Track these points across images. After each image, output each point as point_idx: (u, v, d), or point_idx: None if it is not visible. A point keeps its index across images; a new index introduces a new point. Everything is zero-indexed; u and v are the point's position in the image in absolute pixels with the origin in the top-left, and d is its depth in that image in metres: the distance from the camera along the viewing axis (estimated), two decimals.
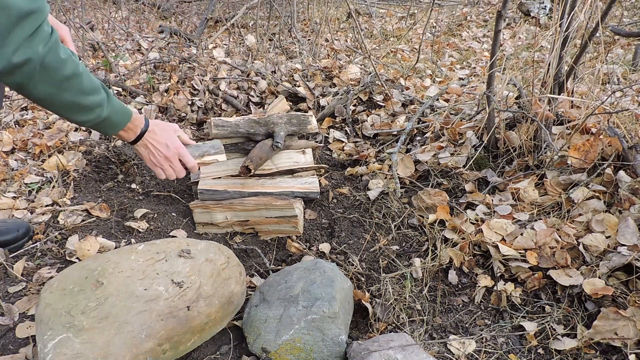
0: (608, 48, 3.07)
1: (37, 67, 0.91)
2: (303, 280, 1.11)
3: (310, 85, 2.58)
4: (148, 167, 1.81)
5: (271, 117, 1.54)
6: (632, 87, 2.18)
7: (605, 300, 1.07)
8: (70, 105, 1.02)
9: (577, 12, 1.43)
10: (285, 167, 1.59)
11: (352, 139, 2.14)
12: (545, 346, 1.05)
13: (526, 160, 1.56)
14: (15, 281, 1.21)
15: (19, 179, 1.61)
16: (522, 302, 1.16)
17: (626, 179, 1.32)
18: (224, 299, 1.05)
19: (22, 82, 0.92)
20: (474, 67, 3.11)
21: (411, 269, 1.31)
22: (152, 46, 3.13)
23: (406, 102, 2.32)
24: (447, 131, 1.87)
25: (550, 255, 1.20)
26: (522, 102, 1.67)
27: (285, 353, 1.00)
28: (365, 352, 0.95)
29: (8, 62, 0.87)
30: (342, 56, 3.22)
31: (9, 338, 1.05)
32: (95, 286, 0.95)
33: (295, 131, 1.62)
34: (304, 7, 4.47)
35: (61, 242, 1.36)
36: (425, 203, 1.53)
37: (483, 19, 4.74)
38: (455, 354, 1.04)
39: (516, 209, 1.42)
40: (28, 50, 0.89)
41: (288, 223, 1.44)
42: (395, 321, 1.15)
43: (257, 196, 1.46)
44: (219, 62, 2.84)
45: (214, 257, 1.10)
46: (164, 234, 1.45)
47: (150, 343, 0.90)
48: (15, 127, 1.95)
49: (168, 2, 4.91)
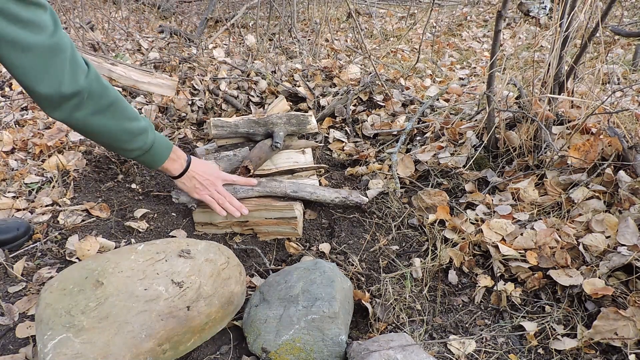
0: (608, 48, 3.07)
1: (84, 98, 0.95)
2: (303, 280, 1.11)
3: (310, 85, 2.58)
4: (148, 168, 1.81)
5: (270, 117, 1.54)
6: (632, 87, 2.18)
7: (605, 300, 1.07)
8: (120, 133, 1.06)
9: (577, 12, 1.43)
10: (284, 167, 1.59)
11: (352, 139, 2.14)
12: (545, 346, 1.05)
13: (526, 160, 1.56)
14: (15, 281, 1.21)
15: (19, 179, 1.61)
16: (522, 302, 1.16)
17: (626, 179, 1.32)
18: (224, 299, 1.05)
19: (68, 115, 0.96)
20: (474, 67, 3.11)
21: (411, 269, 1.31)
22: (152, 46, 3.13)
23: (406, 102, 2.32)
24: (447, 131, 1.88)
25: (550, 255, 1.20)
26: (522, 102, 1.67)
27: (285, 353, 1.00)
28: (365, 352, 0.95)
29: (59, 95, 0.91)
30: (342, 56, 3.22)
31: (9, 338, 1.06)
32: (95, 286, 0.95)
33: (294, 131, 1.62)
34: (304, 7, 4.47)
35: (61, 242, 1.36)
36: (425, 203, 1.53)
37: (483, 19, 4.75)
38: (455, 354, 1.04)
39: (516, 209, 1.42)
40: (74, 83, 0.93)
41: (288, 225, 1.44)
42: (395, 321, 1.15)
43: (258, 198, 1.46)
44: (219, 62, 2.84)
45: (214, 257, 1.10)
46: (164, 234, 1.45)
47: (150, 343, 0.90)
48: (15, 127, 1.95)
49: (168, 2, 4.91)
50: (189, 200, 1.39)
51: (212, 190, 1.32)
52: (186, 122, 2.28)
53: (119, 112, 1.04)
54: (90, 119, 0.99)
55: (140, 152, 1.13)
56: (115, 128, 1.04)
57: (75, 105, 0.95)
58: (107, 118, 1.02)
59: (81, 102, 0.95)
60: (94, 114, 0.99)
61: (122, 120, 1.05)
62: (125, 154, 1.12)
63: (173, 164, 1.22)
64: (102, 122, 1.02)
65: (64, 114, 0.96)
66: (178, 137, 2.13)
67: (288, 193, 1.45)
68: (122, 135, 1.06)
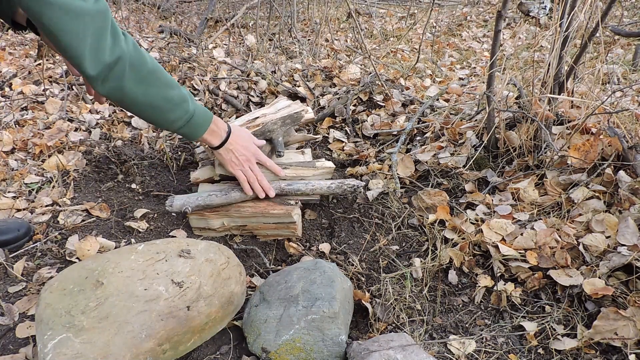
0: (608, 48, 3.07)
1: (126, 65, 0.93)
2: (303, 280, 1.11)
3: (310, 85, 2.58)
4: (148, 168, 1.81)
5: (266, 126, 1.53)
6: (632, 87, 2.18)
7: (605, 300, 1.07)
8: (162, 101, 1.03)
9: (577, 12, 1.43)
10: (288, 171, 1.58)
11: (352, 139, 2.14)
12: (545, 346, 1.05)
13: (526, 160, 1.56)
14: (15, 281, 1.21)
15: (19, 179, 1.61)
16: (522, 302, 1.16)
17: (626, 179, 1.32)
18: (224, 299, 1.05)
19: (116, 86, 0.94)
20: (474, 67, 3.11)
21: (411, 269, 1.31)
22: (152, 46, 3.13)
23: (406, 102, 2.32)
24: (447, 131, 1.88)
25: (550, 255, 1.20)
26: (522, 102, 1.67)
27: (285, 353, 1.00)
28: (365, 352, 0.95)
29: (104, 64, 0.90)
30: (342, 56, 3.22)
31: (9, 338, 1.06)
32: (95, 286, 0.95)
33: (291, 128, 1.62)
34: (304, 7, 4.47)
35: (61, 242, 1.36)
36: (425, 203, 1.53)
37: (483, 19, 4.75)
38: (455, 354, 1.04)
39: (516, 209, 1.42)
40: (116, 48, 0.91)
41: (287, 229, 1.44)
42: (395, 321, 1.15)
43: (254, 201, 1.45)
44: (219, 62, 2.84)
45: (214, 257, 1.10)
46: (164, 234, 1.45)
47: (150, 343, 0.90)
48: (15, 127, 1.95)
49: (168, 2, 4.91)
50: (182, 205, 1.37)
51: (246, 167, 1.29)
52: None
53: (160, 80, 1.02)
54: (135, 88, 0.97)
55: (183, 122, 1.10)
56: (158, 96, 1.02)
57: (120, 74, 0.93)
58: (150, 86, 1.00)
59: (124, 70, 0.94)
60: (138, 83, 0.97)
61: (163, 88, 1.03)
62: (168, 125, 1.10)
63: (213, 134, 1.19)
64: (146, 92, 1.00)
65: (111, 85, 0.93)
66: (178, 137, 2.13)
67: (283, 187, 1.44)
68: (165, 103, 1.04)
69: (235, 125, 1.32)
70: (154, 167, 1.85)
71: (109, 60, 0.90)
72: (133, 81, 0.96)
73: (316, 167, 1.53)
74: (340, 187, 1.48)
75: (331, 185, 1.47)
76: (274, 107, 1.65)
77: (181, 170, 1.86)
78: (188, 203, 1.37)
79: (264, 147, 1.54)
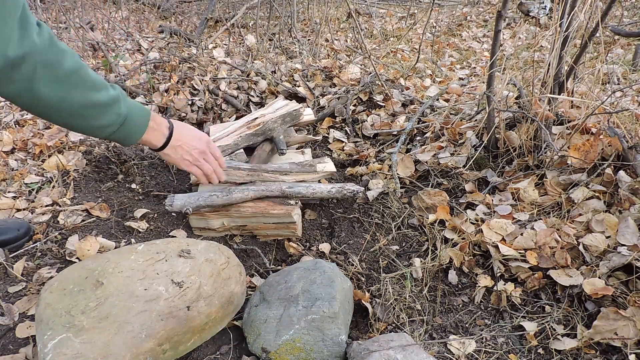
0: (608, 48, 3.07)
1: (37, 63, 0.77)
2: (303, 280, 1.11)
3: (310, 85, 2.58)
4: (148, 168, 1.81)
5: (266, 125, 1.54)
6: (632, 87, 2.18)
7: (605, 300, 1.07)
8: (85, 106, 0.86)
9: (577, 12, 1.43)
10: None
11: (352, 139, 2.14)
12: (545, 346, 1.05)
13: (526, 160, 1.56)
14: (15, 281, 1.21)
15: (19, 179, 1.61)
16: (522, 302, 1.16)
17: (626, 179, 1.32)
18: (224, 299, 1.05)
19: (24, 87, 0.78)
20: (474, 67, 3.11)
21: (411, 269, 1.31)
22: (152, 46, 3.13)
23: (406, 102, 2.32)
24: (447, 131, 1.88)
25: (550, 255, 1.20)
26: (522, 102, 1.67)
27: (285, 353, 1.00)
28: (365, 352, 0.95)
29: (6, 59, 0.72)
30: (342, 56, 3.22)
31: (9, 338, 1.05)
32: (95, 286, 0.95)
33: (291, 127, 1.63)
34: (304, 7, 4.47)
35: (61, 242, 1.36)
36: (425, 203, 1.53)
37: (483, 19, 4.74)
38: (455, 354, 1.04)
39: (516, 209, 1.42)
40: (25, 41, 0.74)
41: (287, 229, 1.44)
42: (395, 321, 1.15)
43: (254, 201, 1.45)
44: (219, 62, 2.84)
45: (214, 257, 1.10)
46: (164, 234, 1.45)
47: (150, 343, 0.90)
48: (15, 127, 1.95)
49: (168, 2, 4.91)
50: (182, 205, 1.37)
51: (201, 161, 1.14)
52: (186, 122, 2.28)
53: (83, 81, 0.84)
54: (50, 92, 0.80)
55: (114, 127, 0.92)
56: (82, 100, 0.84)
57: (29, 74, 0.76)
58: (70, 89, 0.82)
59: (34, 68, 0.76)
60: (53, 85, 0.80)
61: (88, 91, 0.85)
62: (96, 132, 0.91)
63: (153, 134, 1.01)
64: (65, 95, 0.82)
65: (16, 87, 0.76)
66: None
67: (284, 190, 1.44)
68: (90, 109, 0.86)
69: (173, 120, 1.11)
70: (154, 167, 1.85)
71: (13, 56, 0.72)
72: (47, 82, 0.79)
73: (317, 171, 1.54)
74: (340, 192, 1.50)
75: (332, 189, 1.49)
76: (271, 107, 1.66)
77: (181, 170, 1.86)
78: (189, 203, 1.37)
79: (264, 148, 1.54)
